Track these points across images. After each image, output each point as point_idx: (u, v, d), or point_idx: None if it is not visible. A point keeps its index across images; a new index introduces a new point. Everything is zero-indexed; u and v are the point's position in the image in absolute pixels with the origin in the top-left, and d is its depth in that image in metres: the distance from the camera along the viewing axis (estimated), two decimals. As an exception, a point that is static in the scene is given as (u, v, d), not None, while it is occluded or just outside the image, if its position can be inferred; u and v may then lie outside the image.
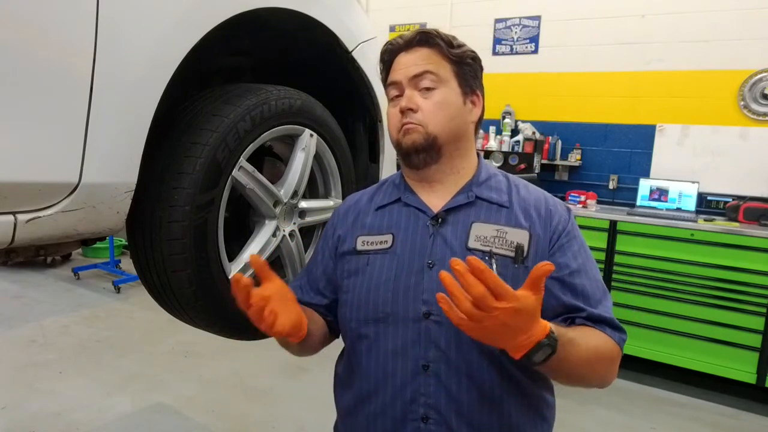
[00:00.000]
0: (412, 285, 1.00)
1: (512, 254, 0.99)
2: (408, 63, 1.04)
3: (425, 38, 1.04)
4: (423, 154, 1.03)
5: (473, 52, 1.08)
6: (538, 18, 4.45)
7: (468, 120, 1.07)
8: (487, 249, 0.99)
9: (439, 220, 1.04)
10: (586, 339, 0.92)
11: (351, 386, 1.07)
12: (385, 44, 1.11)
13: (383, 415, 1.01)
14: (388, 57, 1.09)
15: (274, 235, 1.29)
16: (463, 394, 0.96)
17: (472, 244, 1.00)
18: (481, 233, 1.01)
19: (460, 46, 1.06)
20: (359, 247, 1.08)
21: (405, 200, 1.09)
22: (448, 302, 0.76)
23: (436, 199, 1.07)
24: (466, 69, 1.06)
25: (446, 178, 1.07)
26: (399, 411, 0.99)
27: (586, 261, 1.02)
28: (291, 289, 1.18)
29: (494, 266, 0.97)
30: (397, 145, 1.07)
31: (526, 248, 0.99)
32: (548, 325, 0.83)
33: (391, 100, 1.08)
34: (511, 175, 1.12)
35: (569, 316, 0.97)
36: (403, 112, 1.03)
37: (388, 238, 1.06)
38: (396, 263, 1.03)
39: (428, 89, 1.03)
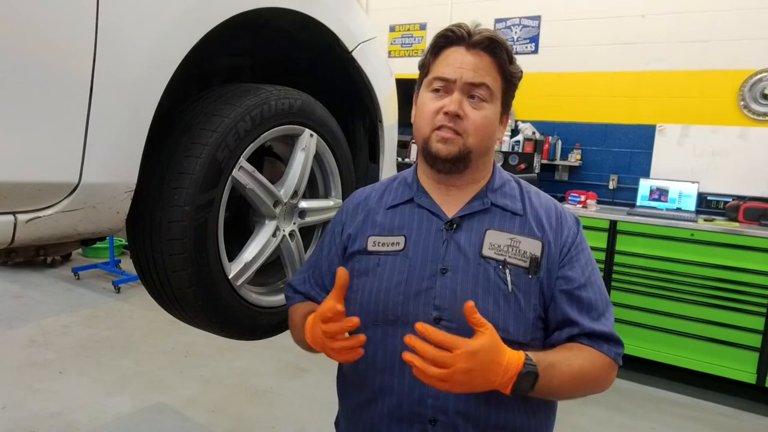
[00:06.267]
0: (423, 290, 1.00)
1: (526, 265, 0.99)
2: (467, 65, 0.99)
3: (493, 46, 1.00)
4: (450, 164, 1.02)
5: (522, 71, 1.06)
6: (538, 18, 4.45)
7: (497, 137, 1.07)
8: (501, 258, 1.00)
9: (454, 225, 1.03)
10: (570, 360, 0.94)
11: (357, 386, 1.07)
12: (446, 29, 1.03)
13: (389, 417, 1.01)
14: (443, 43, 1.03)
15: (274, 235, 1.29)
16: (471, 396, 0.96)
17: (486, 252, 1.00)
18: (495, 241, 1.01)
19: (515, 62, 1.04)
20: (370, 247, 1.06)
21: (418, 202, 1.08)
22: (419, 369, 0.84)
23: (450, 203, 1.06)
24: (512, 89, 1.06)
25: (465, 185, 1.07)
26: (406, 413, 0.99)
27: (592, 273, 1.02)
28: (294, 280, 1.19)
29: (508, 276, 0.98)
30: (425, 144, 1.03)
31: (539, 259, 1.00)
32: (523, 355, 0.88)
33: (431, 90, 1.02)
34: (522, 181, 1.12)
35: (570, 333, 0.99)
36: (447, 114, 0.99)
37: (400, 240, 1.05)
38: (408, 266, 1.02)
39: (478, 100, 1.00)
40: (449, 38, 1.02)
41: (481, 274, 0.99)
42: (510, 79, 1.04)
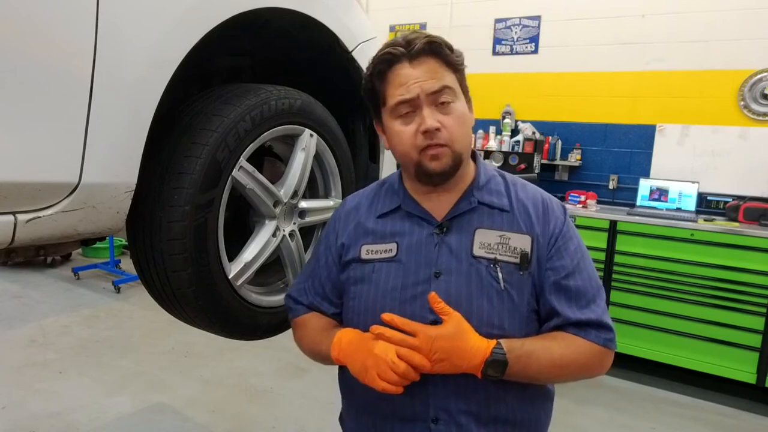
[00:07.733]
0: (419, 294, 1.00)
1: (517, 261, 1.00)
2: (420, 77, 0.97)
3: (432, 48, 0.98)
4: (446, 176, 1.02)
5: (462, 53, 1.04)
6: (538, 18, 4.45)
7: (472, 127, 1.06)
8: (492, 256, 1.00)
9: (444, 228, 1.04)
10: (551, 349, 0.96)
11: (359, 387, 1.07)
12: (383, 52, 1.00)
13: (392, 417, 1.02)
14: (386, 67, 1.00)
15: (274, 235, 1.29)
16: (471, 393, 0.97)
17: (477, 251, 1.01)
18: (485, 240, 1.01)
19: (454, 49, 1.02)
20: (364, 255, 1.07)
21: (406, 208, 1.08)
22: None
23: (438, 206, 1.06)
24: (463, 75, 1.04)
25: (452, 187, 1.06)
26: (409, 413, 1.00)
27: (582, 260, 1.03)
28: (294, 291, 1.19)
29: (500, 274, 0.99)
30: (417, 166, 1.01)
31: (529, 254, 1.00)
32: (493, 343, 0.94)
33: (399, 117, 1.00)
34: (507, 175, 1.12)
35: (556, 324, 1.00)
36: (427, 132, 0.97)
37: (392, 246, 1.05)
38: (402, 272, 1.03)
39: (445, 104, 0.98)
40: (390, 60, 1.00)
41: (473, 274, 1.00)
42: (459, 67, 1.02)
